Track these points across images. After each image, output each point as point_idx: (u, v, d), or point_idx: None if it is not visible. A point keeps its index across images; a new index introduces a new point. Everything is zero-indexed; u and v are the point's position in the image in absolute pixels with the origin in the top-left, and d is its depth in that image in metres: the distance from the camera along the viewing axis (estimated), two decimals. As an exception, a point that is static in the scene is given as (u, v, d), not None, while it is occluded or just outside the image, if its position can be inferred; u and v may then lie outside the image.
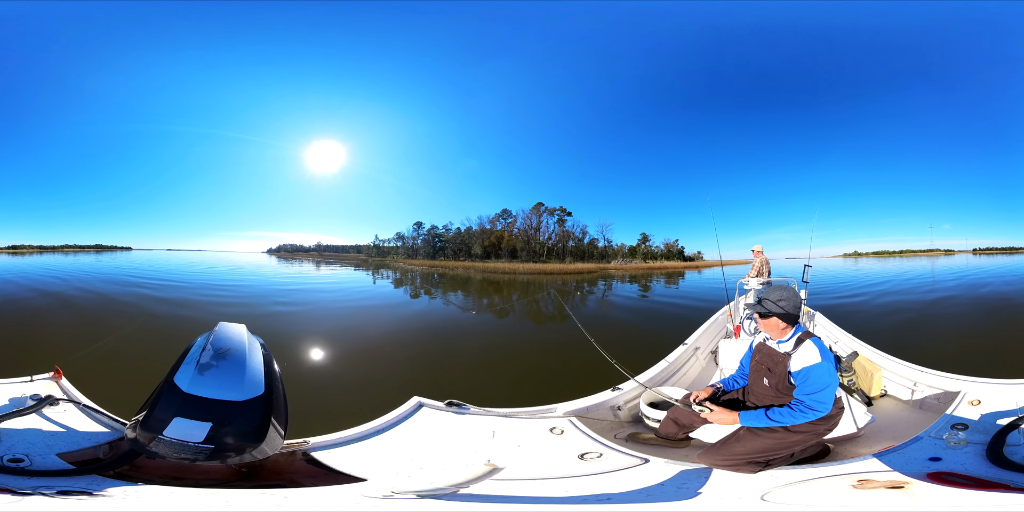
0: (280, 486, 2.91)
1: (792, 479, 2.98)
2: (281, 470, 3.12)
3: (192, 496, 2.61)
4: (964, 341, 13.26)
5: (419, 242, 75.14)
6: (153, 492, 2.59)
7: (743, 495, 2.89)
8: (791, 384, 3.44)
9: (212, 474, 2.91)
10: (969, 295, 24.24)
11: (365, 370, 10.17)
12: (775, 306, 3.50)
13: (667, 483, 3.02)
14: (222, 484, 2.83)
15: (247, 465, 2.93)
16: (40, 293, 22.91)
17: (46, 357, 9.55)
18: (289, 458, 3.19)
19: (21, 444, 2.81)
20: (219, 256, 72.82)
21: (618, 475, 3.13)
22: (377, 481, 2.96)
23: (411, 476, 3.06)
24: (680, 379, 5.75)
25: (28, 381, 3.50)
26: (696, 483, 3.03)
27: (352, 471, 3.07)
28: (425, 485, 2.90)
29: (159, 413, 2.60)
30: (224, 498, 2.65)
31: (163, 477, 2.74)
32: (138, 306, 19.61)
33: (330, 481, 2.99)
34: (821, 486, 2.87)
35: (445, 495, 2.76)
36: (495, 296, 33.19)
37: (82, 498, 2.37)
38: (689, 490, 2.95)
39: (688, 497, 2.87)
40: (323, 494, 2.83)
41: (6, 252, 68.05)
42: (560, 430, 3.63)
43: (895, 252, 76.48)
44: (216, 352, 2.97)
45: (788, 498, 2.81)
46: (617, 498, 2.84)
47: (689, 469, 3.19)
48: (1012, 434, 3.00)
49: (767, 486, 2.94)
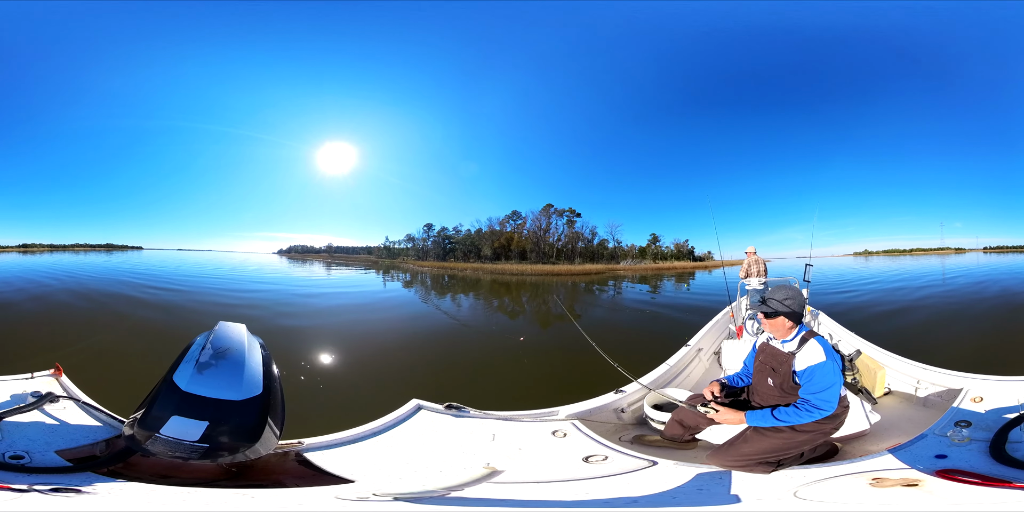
0: (263, 486, 2.89)
1: (809, 479, 2.94)
2: (271, 470, 3.11)
3: (170, 495, 2.59)
4: (966, 338, 13.18)
5: (429, 244, 75.35)
6: (134, 490, 2.58)
7: (763, 496, 2.83)
8: (795, 383, 3.42)
9: (201, 473, 2.92)
10: (969, 293, 23.99)
11: (367, 371, 10.16)
12: (781, 305, 3.47)
13: (686, 486, 2.97)
14: (206, 483, 2.82)
15: (237, 465, 2.93)
16: (43, 291, 23.06)
17: (47, 354, 9.70)
18: (282, 458, 3.19)
19: (22, 441, 2.83)
20: (230, 257, 73.29)
21: (626, 477, 3.08)
22: (364, 483, 2.94)
23: (402, 478, 3.03)
24: (684, 380, 5.70)
25: (29, 378, 3.52)
26: (717, 485, 2.98)
27: (343, 473, 3.05)
28: (416, 487, 2.88)
29: (157, 411, 2.61)
30: (204, 497, 2.64)
31: (153, 475, 2.75)
32: (139, 305, 19.70)
33: (317, 482, 2.97)
34: (839, 485, 2.84)
35: (431, 498, 2.73)
36: (505, 297, 33.16)
37: (68, 495, 2.37)
38: (706, 492, 2.91)
39: (708, 501, 2.82)
40: (294, 495, 2.80)
41: (17, 251, 68.90)
42: (563, 433, 3.59)
43: (906, 250, 75.99)
44: (216, 351, 2.99)
45: (817, 496, 2.77)
46: (624, 502, 2.80)
47: (704, 471, 3.15)
48: (1014, 431, 3.00)
49: (791, 485, 2.89)
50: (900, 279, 33.34)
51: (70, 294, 21.88)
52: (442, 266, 68.45)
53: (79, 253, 71.30)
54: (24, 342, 11.64)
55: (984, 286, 26.40)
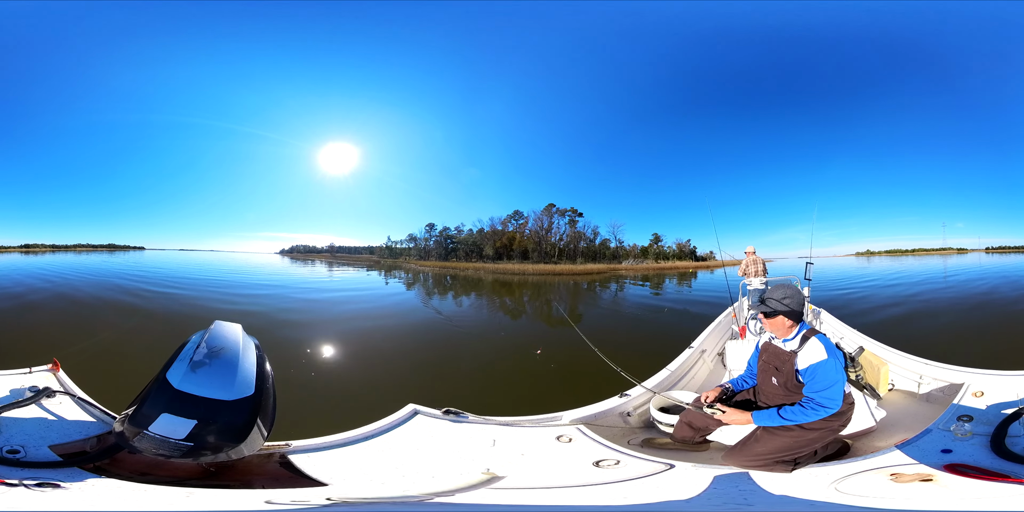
0: (230, 487, 2.88)
1: (833, 476, 2.93)
2: (250, 471, 3.10)
3: (139, 493, 2.58)
4: (967, 333, 13.22)
5: (431, 243, 75.43)
6: (107, 487, 2.58)
7: (817, 491, 2.81)
8: (799, 382, 3.40)
9: (179, 472, 2.90)
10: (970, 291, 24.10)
11: (365, 376, 10.10)
12: (779, 304, 3.46)
13: (702, 488, 2.92)
14: (179, 482, 2.81)
15: (216, 464, 2.91)
16: (42, 288, 23.26)
17: (45, 349, 9.67)
18: (264, 460, 3.18)
19: (18, 435, 2.84)
20: (232, 257, 73.39)
21: (643, 482, 3.03)
22: (335, 487, 2.91)
23: (385, 483, 2.99)
24: (689, 382, 5.66)
25: (27, 373, 3.52)
26: (745, 486, 2.95)
27: (321, 476, 3.03)
28: (394, 492, 2.84)
29: (147, 408, 2.61)
30: (155, 494, 2.61)
31: (133, 473, 2.75)
32: (138, 303, 19.79)
33: (292, 484, 2.96)
34: (863, 481, 2.83)
35: (406, 504, 2.70)
36: (506, 297, 33.12)
37: (45, 490, 2.37)
38: (740, 492, 2.89)
39: (745, 501, 2.79)
40: (228, 497, 2.76)
41: (19, 251, 69.03)
42: (568, 438, 3.53)
43: (908, 250, 75.94)
44: (210, 350, 2.98)
45: (853, 490, 2.76)
46: (651, 507, 2.73)
47: (723, 472, 3.12)
48: (1013, 425, 3.04)
49: (827, 480, 2.88)
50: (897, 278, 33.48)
51: (74, 292, 22.07)
52: (444, 266, 68.53)
53: (81, 253, 71.47)
54: (23, 339, 11.66)
55: (983, 283, 26.53)
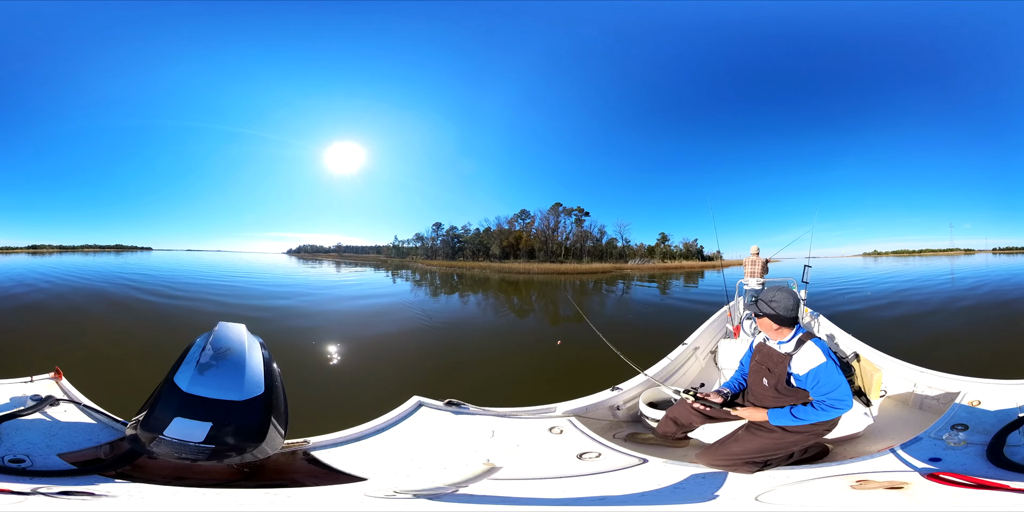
0: (283, 486, 2.92)
1: (790, 479, 2.97)
2: (283, 470, 3.13)
3: (198, 496, 2.61)
4: (964, 341, 13.12)
5: (438, 243, 75.60)
6: (157, 492, 2.60)
7: (737, 496, 2.88)
8: (790, 385, 3.44)
9: (214, 474, 2.93)
10: (972, 295, 23.91)
11: (370, 370, 10.23)
12: (767, 307, 3.52)
13: (665, 484, 3.01)
14: (226, 484, 2.84)
15: (249, 465, 2.93)
16: (42, 293, 23.16)
17: (46, 358, 9.66)
18: (290, 458, 3.20)
19: (22, 444, 2.81)
20: (240, 257, 73.60)
21: (616, 475, 3.12)
22: (378, 480, 2.97)
23: (411, 475, 3.06)
24: (680, 379, 5.71)
25: (28, 381, 3.49)
26: (693, 484, 3.02)
27: (353, 470, 3.08)
28: (425, 484, 2.90)
29: (159, 413, 2.61)
30: (231, 497, 2.67)
31: (165, 477, 2.75)
32: (140, 307, 19.85)
33: (331, 480, 2.99)
34: (819, 487, 2.86)
35: (444, 495, 2.75)
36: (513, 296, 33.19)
37: (84, 499, 2.38)
38: (685, 491, 2.95)
39: (685, 499, 2.86)
40: (327, 493, 2.84)
41: (26, 252, 69.27)
42: (559, 430, 3.62)
43: (915, 251, 75.43)
44: (216, 352, 2.98)
45: (784, 499, 2.80)
46: (613, 500, 2.84)
47: (693, 470, 3.19)
48: (1012, 434, 2.97)
49: (764, 487, 2.93)
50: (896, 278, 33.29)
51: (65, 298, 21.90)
52: (451, 265, 68.67)
53: (88, 254, 71.76)
54: (22, 345, 11.60)
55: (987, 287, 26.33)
